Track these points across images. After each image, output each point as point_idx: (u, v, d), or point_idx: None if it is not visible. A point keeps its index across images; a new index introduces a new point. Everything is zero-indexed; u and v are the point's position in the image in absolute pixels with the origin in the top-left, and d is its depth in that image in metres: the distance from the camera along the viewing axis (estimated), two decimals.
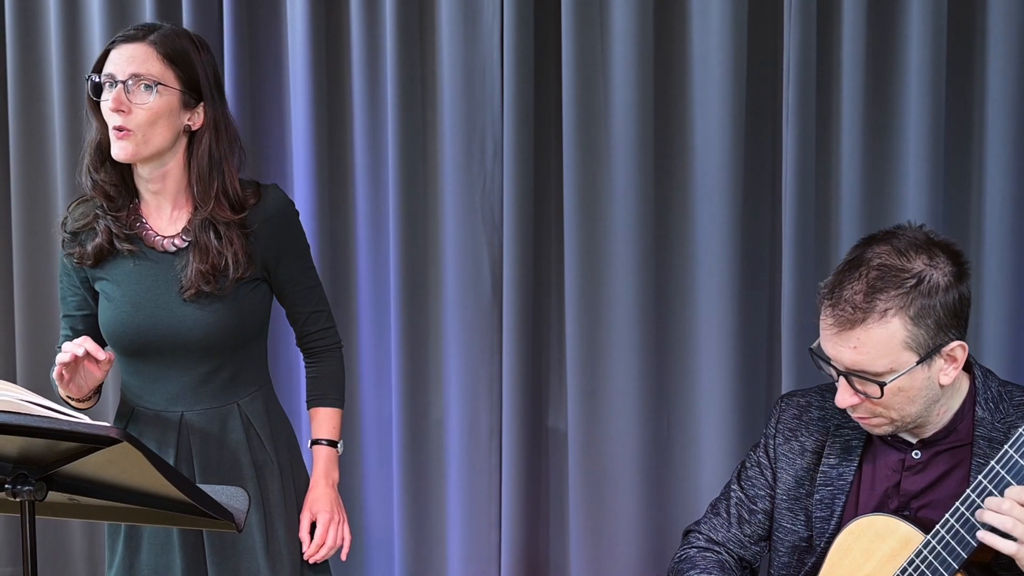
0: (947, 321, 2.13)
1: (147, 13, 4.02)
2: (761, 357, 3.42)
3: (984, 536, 1.98)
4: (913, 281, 2.11)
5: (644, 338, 3.46)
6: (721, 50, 3.29)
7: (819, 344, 2.21)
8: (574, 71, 3.44)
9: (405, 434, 3.81)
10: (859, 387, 2.16)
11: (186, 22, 3.96)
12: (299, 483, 2.72)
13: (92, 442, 1.87)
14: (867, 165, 3.19)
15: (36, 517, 1.99)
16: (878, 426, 2.20)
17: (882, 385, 2.12)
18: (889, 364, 2.12)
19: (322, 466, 2.72)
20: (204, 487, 2.05)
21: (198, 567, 2.62)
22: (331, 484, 2.72)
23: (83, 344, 2.40)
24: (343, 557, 2.71)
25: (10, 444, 1.91)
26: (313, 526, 2.70)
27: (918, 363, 2.12)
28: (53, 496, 2.00)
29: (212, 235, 2.53)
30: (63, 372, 2.42)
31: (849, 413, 2.23)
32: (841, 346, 2.15)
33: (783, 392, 3.26)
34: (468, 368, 3.70)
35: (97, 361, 2.44)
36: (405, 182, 3.72)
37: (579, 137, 3.45)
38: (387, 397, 3.87)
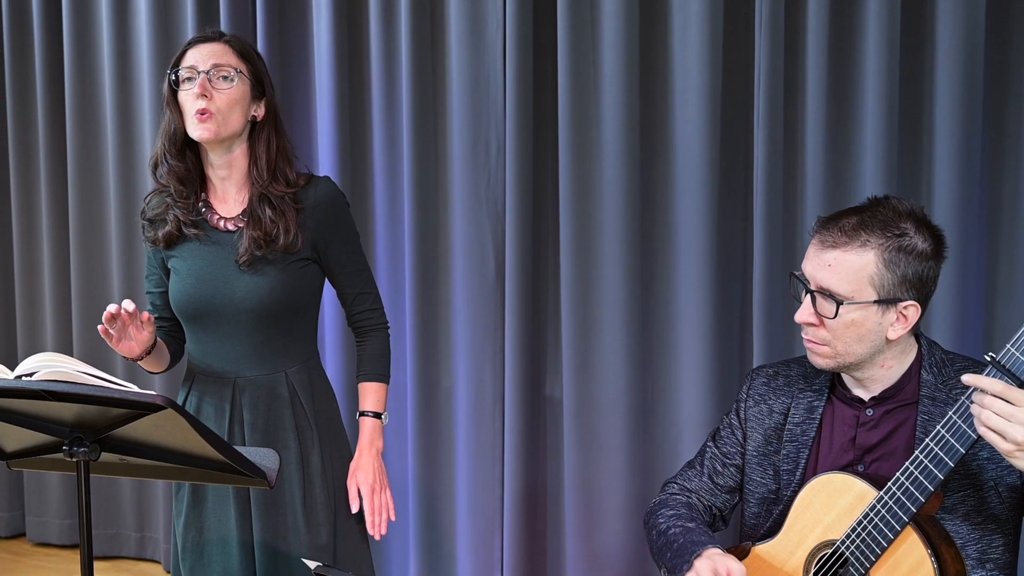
0: (912, 281, 2.13)
1: (188, 23, 4.03)
2: (734, 333, 3.42)
3: (985, 433, 1.94)
4: (898, 233, 2.12)
5: (631, 316, 3.46)
6: (699, 60, 3.28)
7: (801, 271, 2.21)
8: (569, 79, 3.43)
9: (418, 401, 3.82)
10: (820, 308, 2.16)
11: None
12: (336, 449, 2.69)
13: (140, 408, 1.87)
14: (829, 162, 3.19)
15: (90, 475, 1.99)
16: (822, 355, 2.20)
17: (839, 304, 2.12)
18: (852, 291, 2.12)
19: (366, 436, 2.69)
20: (239, 448, 2.05)
21: (247, 517, 2.62)
22: (374, 453, 2.69)
23: (118, 304, 2.41)
24: (393, 518, 2.70)
25: (67, 410, 1.92)
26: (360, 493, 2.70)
27: (875, 302, 2.12)
28: (105, 457, 2.00)
29: (267, 207, 2.55)
30: (109, 331, 2.42)
31: (803, 336, 2.22)
32: (818, 263, 2.15)
33: (754, 364, 3.27)
34: (474, 342, 3.70)
35: (141, 322, 2.45)
36: (418, 177, 3.72)
37: (573, 137, 3.45)
38: (402, 368, 3.87)
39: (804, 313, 2.19)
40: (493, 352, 3.69)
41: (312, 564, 2.00)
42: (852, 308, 2.12)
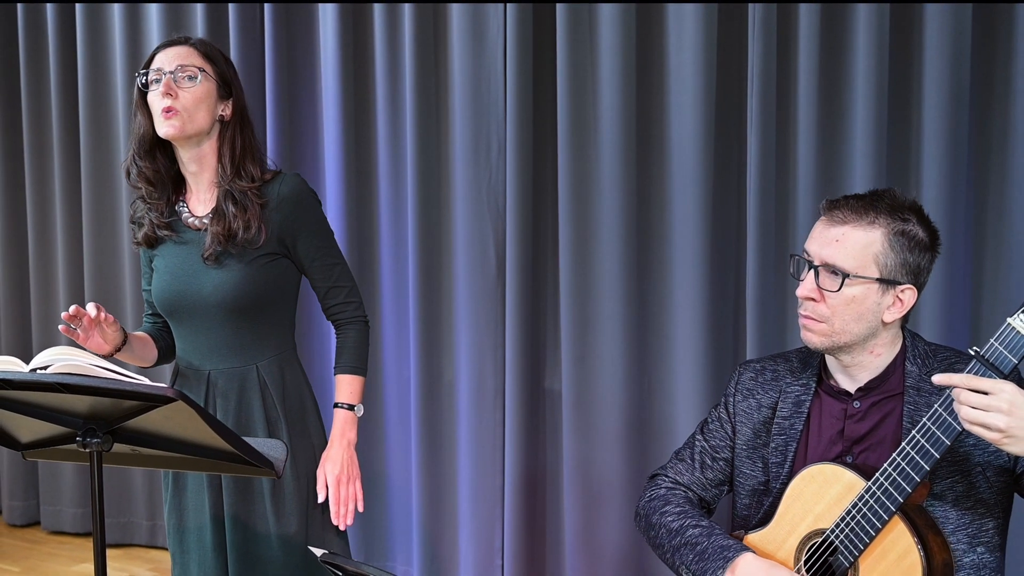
0: (911, 267, 2.15)
1: (199, 31, 4.04)
2: (727, 327, 3.42)
3: (970, 428, 1.94)
4: (903, 218, 2.14)
5: (628, 311, 3.47)
6: (694, 63, 3.28)
7: (803, 250, 2.20)
8: (568, 81, 3.44)
9: (421, 393, 3.83)
10: (822, 283, 2.15)
11: (232, 38, 3.98)
12: (308, 441, 2.67)
13: (152, 400, 1.87)
14: (820, 162, 3.19)
15: (103, 465, 1.99)
16: (818, 333, 2.18)
17: (844, 277, 2.12)
18: (856, 266, 2.12)
19: (338, 427, 2.67)
20: (247, 439, 2.05)
21: (219, 505, 2.64)
22: (345, 444, 2.66)
23: (76, 306, 2.44)
24: (360, 508, 2.68)
25: (81, 403, 1.92)
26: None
27: (877, 280, 2.12)
28: (118, 447, 2.01)
29: (231, 203, 2.56)
30: (77, 332, 2.46)
31: (800, 313, 2.21)
32: (825, 239, 2.15)
33: (747, 356, 3.28)
34: (475, 336, 3.71)
35: (104, 324, 2.48)
36: (421, 176, 3.72)
37: (572, 137, 3.45)
38: (406, 361, 3.88)
39: (806, 288, 2.18)
40: (494, 346, 3.70)
41: (318, 552, 2.00)
42: (855, 283, 2.12)
